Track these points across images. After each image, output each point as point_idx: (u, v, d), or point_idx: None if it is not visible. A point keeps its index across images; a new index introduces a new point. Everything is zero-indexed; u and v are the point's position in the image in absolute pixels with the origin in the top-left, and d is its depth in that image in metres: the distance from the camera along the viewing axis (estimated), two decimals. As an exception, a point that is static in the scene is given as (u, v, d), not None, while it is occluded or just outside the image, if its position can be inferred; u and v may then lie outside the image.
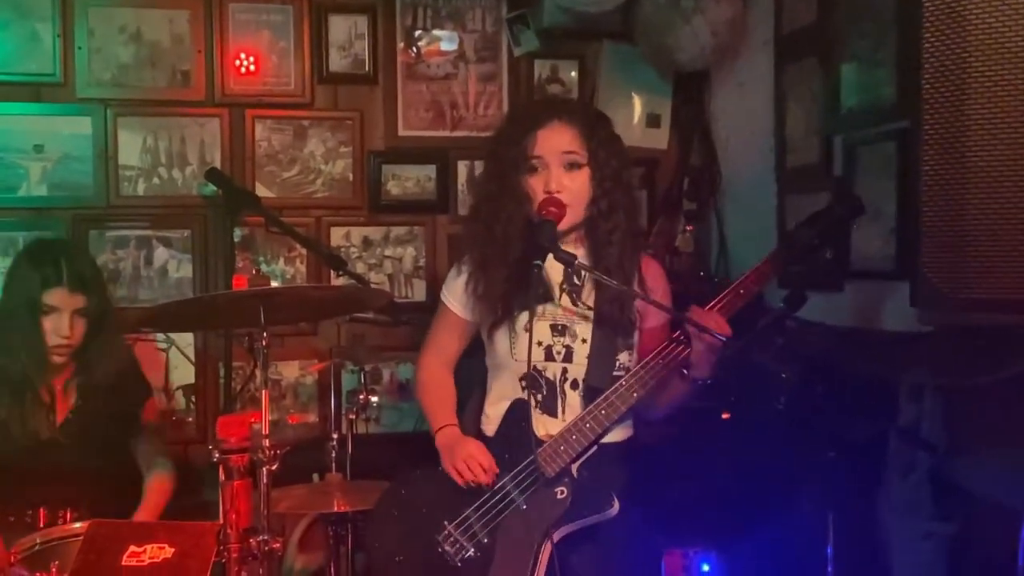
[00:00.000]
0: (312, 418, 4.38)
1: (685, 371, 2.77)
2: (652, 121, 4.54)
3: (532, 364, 2.78)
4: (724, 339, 2.66)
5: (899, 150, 3.26)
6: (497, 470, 2.78)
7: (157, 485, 3.44)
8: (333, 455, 3.54)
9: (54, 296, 3.25)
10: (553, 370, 2.85)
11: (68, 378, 3.37)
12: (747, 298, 2.80)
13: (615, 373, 2.84)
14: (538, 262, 2.69)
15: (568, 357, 2.85)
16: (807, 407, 2.84)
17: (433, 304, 3.17)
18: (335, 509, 3.30)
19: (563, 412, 2.85)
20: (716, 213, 4.52)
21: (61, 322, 3.25)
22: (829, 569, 2.85)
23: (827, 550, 2.85)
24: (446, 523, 2.79)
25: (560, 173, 2.80)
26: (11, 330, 3.26)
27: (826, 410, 2.80)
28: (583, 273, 2.86)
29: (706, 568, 3.70)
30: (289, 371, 4.36)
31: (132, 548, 2.42)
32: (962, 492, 2.84)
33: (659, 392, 2.84)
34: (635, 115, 4.54)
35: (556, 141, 2.81)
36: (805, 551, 3.23)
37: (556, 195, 2.78)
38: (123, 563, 2.40)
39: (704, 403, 3.48)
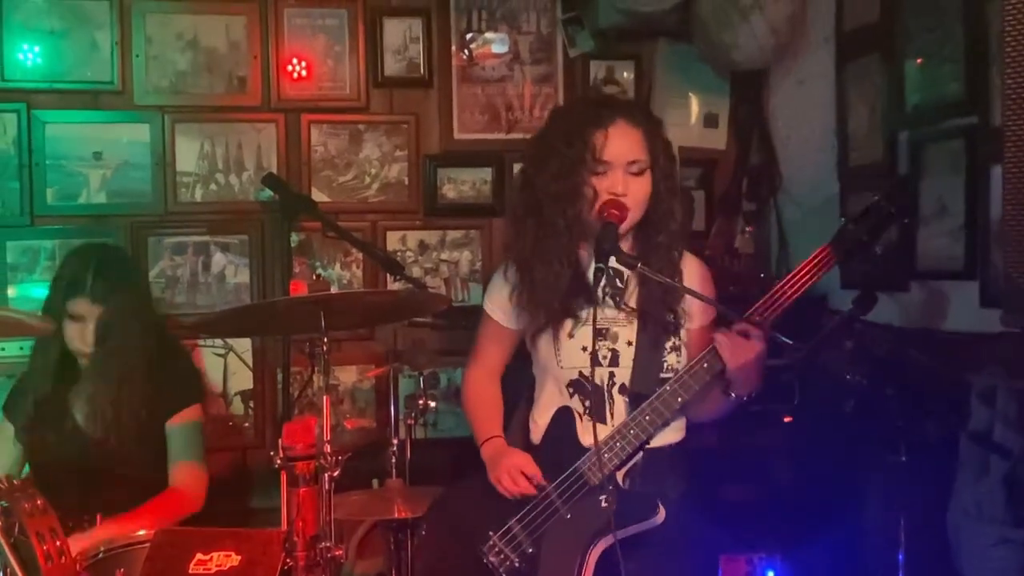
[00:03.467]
0: (369, 423, 4.37)
1: (728, 393, 2.73)
2: (710, 121, 4.50)
3: (578, 370, 2.77)
4: (786, 340, 2.59)
5: (967, 147, 3.20)
6: (542, 480, 2.76)
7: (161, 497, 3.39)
8: (393, 460, 3.53)
9: (78, 305, 3.33)
10: (600, 375, 2.82)
11: (89, 379, 3.40)
12: (793, 299, 2.73)
13: (663, 375, 2.80)
14: (600, 266, 2.65)
15: (614, 361, 2.82)
16: (877, 410, 2.79)
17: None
18: (396, 515, 3.28)
19: (611, 418, 2.82)
20: (776, 213, 4.46)
21: (85, 330, 3.34)
22: (900, 575, 2.79)
23: (899, 556, 2.79)
24: (491, 534, 2.77)
25: (627, 178, 2.76)
26: (45, 337, 3.33)
27: (896, 413, 2.74)
28: (625, 275, 2.83)
29: (771, 574, 3.64)
30: (346, 376, 4.35)
31: (199, 556, 2.41)
32: (1037, 497, 2.78)
33: (701, 400, 2.79)
34: (692, 115, 4.50)
35: (623, 146, 2.77)
36: (875, 557, 3.17)
37: (620, 198, 2.74)
38: (190, 571, 2.40)
39: (766, 406, 3.44)
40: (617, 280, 2.82)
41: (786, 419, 3.67)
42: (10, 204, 4.10)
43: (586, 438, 2.76)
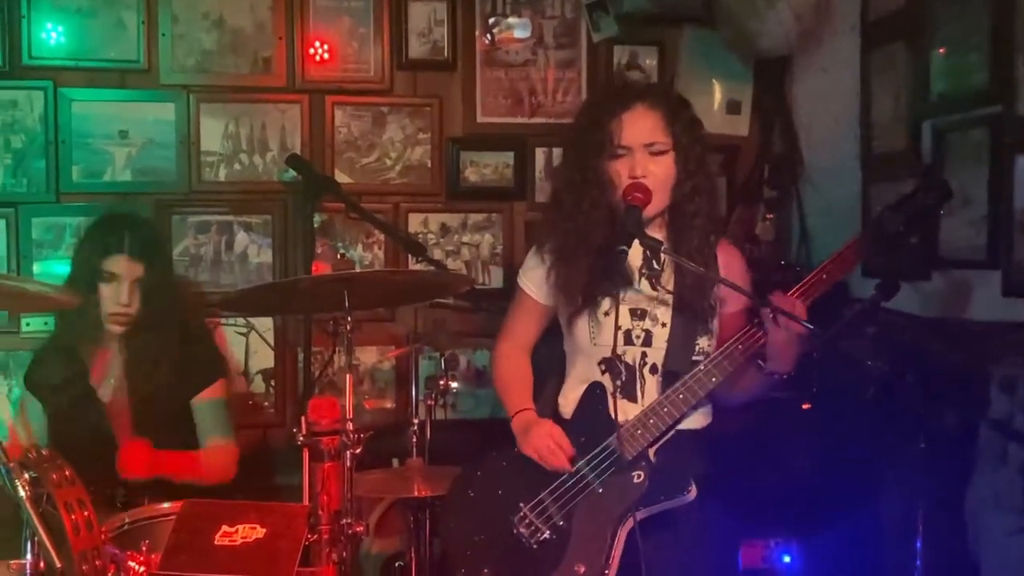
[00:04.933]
0: (388, 403, 4.40)
1: (761, 364, 2.75)
2: (732, 107, 4.50)
3: (611, 348, 2.76)
4: (808, 327, 2.62)
5: (991, 136, 3.19)
6: (574, 452, 2.78)
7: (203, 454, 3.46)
8: (414, 440, 3.55)
9: (115, 263, 3.32)
10: (632, 354, 2.83)
11: (122, 348, 3.42)
12: (829, 284, 2.75)
13: (694, 358, 2.81)
14: (623, 248, 2.66)
15: (647, 341, 2.83)
16: (897, 397, 2.79)
17: (510, 291, 3.17)
18: (416, 494, 3.31)
19: (642, 397, 2.83)
20: (797, 201, 4.45)
21: (120, 289, 3.32)
22: (918, 563, 2.80)
23: (916, 544, 2.80)
24: (522, 505, 2.79)
25: (645, 159, 2.77)
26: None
27: (916, 400, 2.75)
28: (662, 257, 2.81)
29: (787, 559, 3.66)
30: (367, 356, 4.37)
31: (224, 528, 2.44)
32: (1056, 487, 2.79)
33: (737, 379, 2.82)
34: (715, 101, 4.50)
35: (640, 129, 2.77)
36: (892, 545, 3.18)
37: (641, 180, 2.76)
38: (215, 542, 2.43)
39: (785, 394, 3.45)
40: (654, 261, 2.82)
41: (804, 406, 3.68)
42: (36, 181, 4.12)
43: (619, 415, 2.78)
